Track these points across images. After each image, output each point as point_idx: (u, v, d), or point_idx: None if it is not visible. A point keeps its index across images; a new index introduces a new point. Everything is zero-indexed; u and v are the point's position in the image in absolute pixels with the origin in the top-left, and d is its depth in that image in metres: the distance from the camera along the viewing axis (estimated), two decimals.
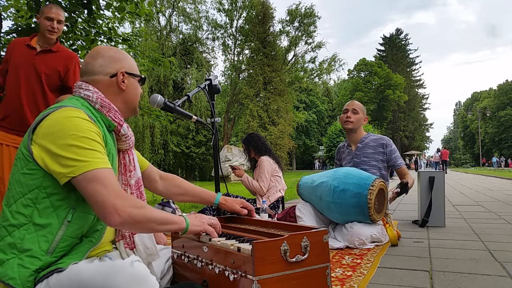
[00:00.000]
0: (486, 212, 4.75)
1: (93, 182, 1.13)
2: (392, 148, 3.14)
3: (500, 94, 55.47)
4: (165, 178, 1.72)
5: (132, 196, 1.28)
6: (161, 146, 22.63)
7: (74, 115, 1.18)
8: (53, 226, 1.15)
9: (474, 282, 1.89)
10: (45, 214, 1.15)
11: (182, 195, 1.75)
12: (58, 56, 2.91)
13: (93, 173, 1.13)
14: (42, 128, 1.18)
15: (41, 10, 2.86)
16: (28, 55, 2.82)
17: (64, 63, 2.91)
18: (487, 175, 19.00)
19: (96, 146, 1.18)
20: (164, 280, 1.59)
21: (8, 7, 5.99)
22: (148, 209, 1.21)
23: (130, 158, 1.41)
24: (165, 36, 27.08)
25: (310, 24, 34.22)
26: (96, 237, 1.25)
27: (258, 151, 4.12)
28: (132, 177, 1.40)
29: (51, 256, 1.15)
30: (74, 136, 1.14)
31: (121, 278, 1.05)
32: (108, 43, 6.22)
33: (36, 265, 1.12)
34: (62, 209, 1.17)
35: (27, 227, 1.14)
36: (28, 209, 1.15)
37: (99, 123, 1.26)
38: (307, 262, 1.30)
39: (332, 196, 2.73)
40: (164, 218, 1.24)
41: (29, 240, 1.13)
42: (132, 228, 1.26)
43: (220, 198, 1.76)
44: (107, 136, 1.29)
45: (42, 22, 2.82)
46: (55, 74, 2.88)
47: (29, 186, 1.16)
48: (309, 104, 46.78)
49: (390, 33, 64.34)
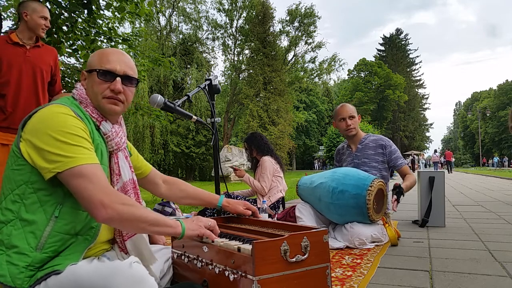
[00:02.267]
0: (486, 212, 4.75)
1: (79, 177, 1.13)
2: (392, 149, 3.12)
3: (500, 94, 55.48)
4: (168, 181, 1.72)
5: (121, 194, 1.26)
6: (161, 146, 22.62)
7: (60, 111, 1.19)
8: (41, 222, 1.15)
9: (474, 282, 1.89)
10: (32, 210, 1.15)
11: (185, 198, 1.75)
12: (46, 51, 2.94)
13: (79, 169, 1.13)
14: (29, 124, 1.19)
15: (32, 8, 2.81)
16: (19, 53, 2.79)
17: (52, 57, 2.96)
18: (487, 175, 19.00)
19: (82, 142, 1.18)
20: (164, 280, 1.59)
21: (8, 7, 5.99)
22: (137, 208, 1.19)
23: (114, 162, 1.37)
24: (165, 36, 27.07)
25: (310, 24, 34.24)
26: (92, 235, 1.24)
27: (260, 151, 4.12)
28: (116, 183, 1.36)
29: (40, 252, 1.14)
30: (60, 132, 1.15)
31: (120, 279, 1.05)
32: (108, 43, 6.22)
33: (25, 261, 1.11)
34: (49, 205, 1.17)
35: (14, 223, 1.14)
36: (15, 205, 1.16)
37: (87, 120, 1.26)
38: (307, 262, 1.30)
39: (331, 197, 2.73)
40: (155, 220, 1.21)
41: (16, 236, 1.13)
42: (120, 226, 1.24)
43: (223, 200, 1.77)
44: (95, 134, 1.28)
45: (36, 20, 2.80)
46: (49, 69, 2.91)
47: (17, 182, 1.17)
48: (309, 104, 46.77)
49: (390, 33, 64.46)
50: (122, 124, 1.45)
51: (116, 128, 1.37)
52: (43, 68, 2.86)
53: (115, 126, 1.37)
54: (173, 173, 26.84)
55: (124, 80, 1.33)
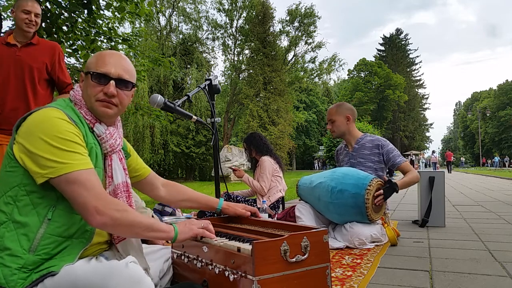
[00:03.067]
0: (486, 212, 4.75)
1: (74, 184, 1.13)
2: (389, 148, 3.05)
3: (500, 94, 55.48)
4: (168, 185, 1.72)
5: (116, 199, 1.26)
6: (161, 146, 22.60)
7: (53, 116, 1.19)
8: (33, 224, 1.15)
9: (474, 282, 1.89)
10: (24, 212, 1.15)
11: (185, 202, 1.76)
12: (41, 48, 2.85)
13: (73, 175, 1.14)
14: (23, 127, 1.19)
15: (17, 4, 2.77)
16: (9, 53, 2.76)
17: (49, 54, 2.87)
18: (487, 175, 18.99)
19: (75, 147, 1.17)
20: (164, 280, 1.59)
21: (8, 7, 5.98)
22: (131, 213, 1.20)
23: (108, 164, 1.36)
24: (165, 36, 27.07)
25: (310, 24, 34.23)
26: (87, 238, 1.24)
27: (259, 151, 4.11)
28: (108, 185, 1.36)
29: (34, 254, 1.13)
30: (53, 137, 1.15)
31: (117, 279, 1.06)
32: (108, 43, 6.22)
33: (17, 263, 1.11)
34: (42, 207, 1.17)
35: (6, 225, 1.14)
36: (8, 207, 1.15)
37: (80, 123, 1.26)
38: (307, 262, 1.30)
39: (330, 197, 2.73)
40: (149, 225, 1.23)
41: (8, 238, 1.13)
42: (115, 231, 1.25)
43: (222, 203, 1.77)
44: (89, 137, 1.28)
45: (19, 15, 2.74)
46: (43, 67, 2.83)
47: (10, 184, 1.17)
48: (309, 104, 46.74)
49: (390, 33, 64.47)
50: (119, 126, 1.43)
51: (111, 130, 1.36)
52: (34, 66, 2.78)
53: (110, 128, 1.36)
54: (173, 173, 26.84)
55: (118, 84, 1.31)
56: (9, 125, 2.72)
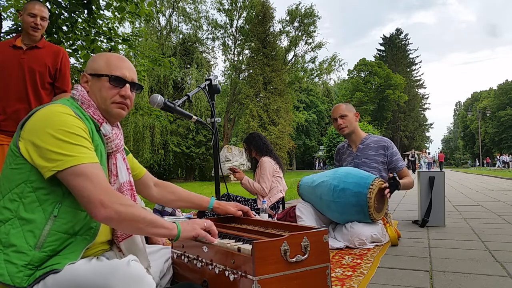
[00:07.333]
0: (486, 212, 4.75)
1: (79, 176, 1.14)
2: (393, 151, 3.13)
3: (500, 94, 55.47)
4: (160, 185, 1.72)
5: (121, 194, 1.28)
6: (161, 146, 22.59)
7: (60, 111, 1.20)
8: (39, 221, 1.15)
9: (474, 282, 1.89)
10: (31, 209, 1.16)
11: (176, 201, 1.76)
12: (45, 52, 2.87)
13: (79, 168, 1.14)
14: (29, 124, 1.20)
15: (24, 7, 2.81)
16: (14, 55, 2.78)
17: (52, 58, 2.88)
18: (487, 175, 19.00)
19: (82, 141, 1.19)
20: (164, 280, 1.60)
21: (8, 7, 5.99)
22: (136, 208, 1.21)
23: (113, 163, 1.39)
24: (165, 36, 27.05)
25: (310, 24, 34.20)
26: (91, 235, 1.25)
27: (259, 151, 4.11)
28: (113, 184, 1.38)
29: (39, 251, 1.14)
30: (60, 131, 1.16)
31: (118, 278, 1.06)
32: (108, 43, 6.23)
33: (24, 260, 1.11)
34: (48, 204, 1.17)
35: (12, 222, 1.15)
36: (14, 204, 1.16)
37: (87, 121, 1.28)
38: (307, 262, 1.30)
39: (332, 195, 2.73)
40: (153, 221, 1.23)
41: (14, 235, 1.13)
42: (119, 226, 1.24)
43: (213, 202, 1.78)
44: (95, 134, 1.30)
45: (25, 19, 2.77)
46: (46, 70, 2.84)
47: (15, 181, 1.17)
48: (309, 104, 46.74)
49: (390, 33, 64.51)
50: (119, 126, 1.47)
51: (116, 130, 1.40)
52: (37, 69, 2.79)
53: (115, 128, 1.40)
54: (173, 173, 26.82)
55: (132, 86, 1.39)
56: (11, 126, 2.73)
